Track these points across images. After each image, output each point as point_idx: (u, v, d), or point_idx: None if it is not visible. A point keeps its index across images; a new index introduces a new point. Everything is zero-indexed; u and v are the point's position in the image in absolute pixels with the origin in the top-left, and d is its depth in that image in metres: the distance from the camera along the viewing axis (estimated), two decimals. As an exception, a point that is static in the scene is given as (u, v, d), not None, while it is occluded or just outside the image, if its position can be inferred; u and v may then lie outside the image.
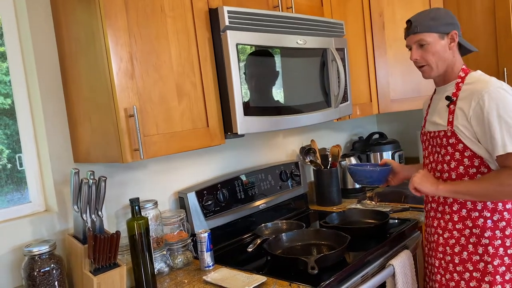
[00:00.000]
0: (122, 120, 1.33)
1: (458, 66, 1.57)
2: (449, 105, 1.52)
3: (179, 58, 1.50)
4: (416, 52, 1.56)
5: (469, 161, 1.48)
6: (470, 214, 1.51)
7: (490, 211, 1.48)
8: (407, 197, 2.30)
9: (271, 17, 1.67)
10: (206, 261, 1.65)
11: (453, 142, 1.50)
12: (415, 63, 1.59)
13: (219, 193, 1.91)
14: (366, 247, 1.71)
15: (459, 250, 1.53)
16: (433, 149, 1.60)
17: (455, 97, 1.51)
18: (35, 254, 1.32)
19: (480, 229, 1.49)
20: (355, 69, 2.35)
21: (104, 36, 1.31)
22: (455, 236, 1.54)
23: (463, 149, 1.49)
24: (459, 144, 1.49)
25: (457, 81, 1.54)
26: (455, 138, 1.50)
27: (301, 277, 1.47)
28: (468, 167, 1.49)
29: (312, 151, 2.44)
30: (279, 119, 1.71)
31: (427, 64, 1.56)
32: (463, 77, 1.54)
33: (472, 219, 1.50)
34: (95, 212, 1.41)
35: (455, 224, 1.54)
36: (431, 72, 1.57)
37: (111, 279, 1.36)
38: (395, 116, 3.17)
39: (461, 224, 1.53)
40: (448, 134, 1.51)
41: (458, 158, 1.50)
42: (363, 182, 1.89)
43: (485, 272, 1.48)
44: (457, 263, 1.54)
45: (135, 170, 1.76)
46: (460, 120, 1.47)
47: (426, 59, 1.55)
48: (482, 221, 1.49)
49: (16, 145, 1.54)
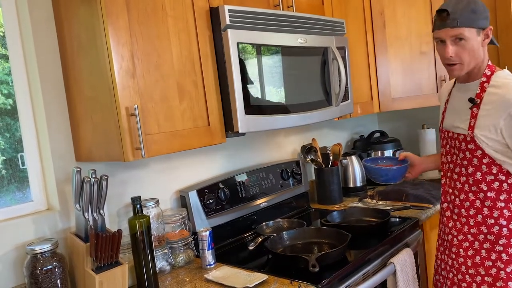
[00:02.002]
0: (123, 118, 1.33)
1: (485, 64, 1.47)
2: (471, 107, 1.44)
3: (180, 57, 1.50)
4: (452, 48, 1.41)
5: (487, 168, 1.44)
6: (485, 221, 1.47)
7: (507, 219, 1.44)
8: (408, 196, 2.30)
9: (272, 16, 1.67)
10: (208, 259, 1.65)
11: (472, 148, 1.45)
12: (447, 60, 1.44)
13: (221, 191, 1.91)
14: (367, 245, 1.72)
15: (472, 254, 1.51)
16: (451, 150, 1.55)
17: (479, 99, 1.43)
18: (37, 252, 1.33)
19: (495, 236, 1.46)
20: (356, 67, 2.36)
21: (105, 35, 1.31)
22: (469, 239, 1.51)
23: (482, 156, 1.44)
24: (477, 151, 1.44)
25: (482, 80, 1.45)
26: (474, 144, 1.44)
27: (302, 275, 1.48)
28: (486, 173, 1.45)
29: (313, 150, 2.44)
30: (280, 118, 1.71)
31: (460, 63, 1.43)
32: (489, 75, 1.44)
33: (487, 226, 1.47)
34: (97, 210, 1.42)
35: (470, 228, 1.51)
36: (461, 71, 1.45)
37: (113, 277, 1.37)
38: (396, 115, 3.17)
39: (476, 229, 1.49)
40: (468, 140, 1.45)
41: (476, 164, 1.45)
42: (378, 180, 1.87)
43: (497, 277, 1.46)
44: (469, 265, 1.51)
45: (137, 168, 1.77)
46: (484, 128, 1.40)
47: (461, 56, 1.42)
48: (498, 228, 1.45)
49: (18, 144, 1.54)
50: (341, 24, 2.04)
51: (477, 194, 1.48)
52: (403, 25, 2.46)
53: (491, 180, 1.45)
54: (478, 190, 1.48)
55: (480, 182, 1.47)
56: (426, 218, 2.09)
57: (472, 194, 1.50)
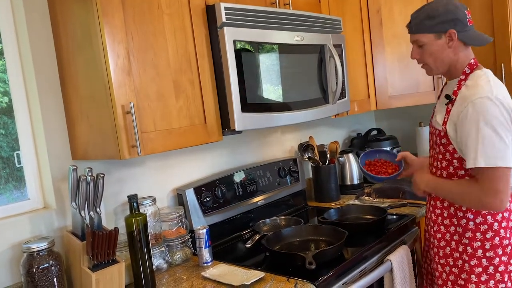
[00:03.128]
0: (119, 116, 1.33)
1: (462, 63, 1.50)
2: (447, 104, 1.50)
3: (176, 55, 1.50)
4: (415, 51, 1.55)
5: (458, 162, 1.48)
6: (456, 213, 1.52)
7: (474, 213, 1.48)
8: (405, 193, 2.31)
9: (268, 14, 1.67)
10: (205, 257, 1.65)
11: (445, 143, 1.50)
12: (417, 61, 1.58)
13: (218, 189, 1.91)
14: (364, 243, 1.72)
15: (444, 245, 1.56)
16: (433, 145, 1.60)
17: (455, 96, 1.48)
18: (33, 250, 1.33)
19: (462, 229, 1.50)
20: (353, 65, 2.36)
21: (101, 33, 1.31)
22: (442, 231, 1.56)
23: (453, 151, 1.48)
24: (449, 145, 1.48)
25: (460, 78, 1.50)
26: (446, 139, 1.49)
27: (299, 273, 1.48)
28: (457, 168, 1.49)
29: (310, 148, 2.45)
30: (276, 116, 1.71)
31: (425, 64, 1.55)
32: (467, 73, 1.49)
33: (457, 218, 1.51)
34: (93, 208, 1.42)
35: (443, 219, 1.56)
36: (431, 72, 1.57)
37: (110, 275, 1.36)
38: (393, 113, 3.17)
39: (448, 220, 1.54)
40: (442, 134, 1.51)
41: (449, 158, 1.50)
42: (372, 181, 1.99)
43: (462, 269, 1.50)
44: (441, 256, 1.57)
45: (133, 167, 1.76)
46: (452, 123, 1.46)
47: (424, 59, 1.53)
48: (465, 221, 1.49)
49: (16, 143, 1.54)
50: (338, 22, 2.04)
51: None
52: (400, 23, 2.46)
53: (462, 175, 1.49)
54: None
55: (452, 175, 1.51)
56: (423, 215, 2.09)
57: None
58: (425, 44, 1.50)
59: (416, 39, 1.52)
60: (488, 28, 2.38)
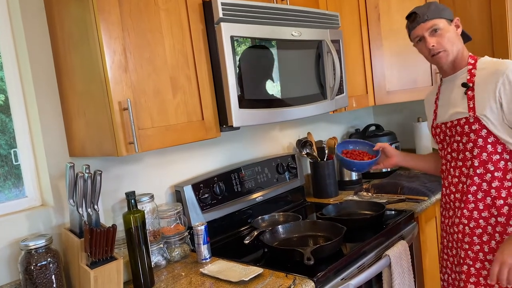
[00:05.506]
0: (116, 113, 1.33)
1: (466, 53, 1.57)
2: (466, 92, 1.51)
3: (173, 51, 1.49)
4: (431, 39, 1.54)
5: (492, 147, 1.48)
6: (494, 203, 1.49)
7: None
8: (403, 189, 2.31)
9: (266, 9, 1.66)
10: (203, 253, 1.65)
11: (476, 129, 1.49)
12: (431, 50, 1.55)
13: (216, 186, 1.91)
14: (362, 238, 1.72)
15: (488, 239, 1.51)
16: (451, 139, 1.58)
17: (471, 83, 1.50)
18: (31, 248, 1.33)
19: (506, 217, 1.47)
20: (350, 61, 2.35)
21: (97, 29, 1.30)
22: (482, 225, 1.52)
23: (487, 135, 1.48)
24: (482, 130, 1.48)
25: (468, 68, 1.53)
26: (478, 124, 1.48)
27: (298, 268, 1.48)
28: (492, 153, 1.48)
29: (308, 144, 2.44)
30: (274, 112, 1.71)
31: (444, 50, 1.54)
32: (473, 63, 1.54)
33: (497, 207, 1.48)
34: (91, 206, 1.41)
35: (480, 212, 1.52)
36: (447, 58, 1.55)
37: (108, 272, 1.36)
38: (391, 108, 3.17)
39: (487, 212, 1.51)
40: (471, 121, 1.49)
41: (481, 144, 1.49)
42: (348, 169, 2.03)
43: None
44: (486, 251, 1.51)
45: (131, 163, 1.76)
46: (484, 105, 1.46)
47: (443, 44, 1.53)
48: (507, 208, 1.47)
49: (13, 141, 1.53)
50: (335, 17, 2.03)
51: (483, 176, 1.50)
52: (397, 18, 2.46)
53: (497, 160, 1.48)
54: (485, 171, 1.50)
55: (487, 162, 1.49)
56: (421, 210, 2.10)
57: (477, 177, 1.51)
58: (442, 29, 1.53)
59: (432, 23, 1.52)
60: (486, 23, 2.38)
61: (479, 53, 1.74)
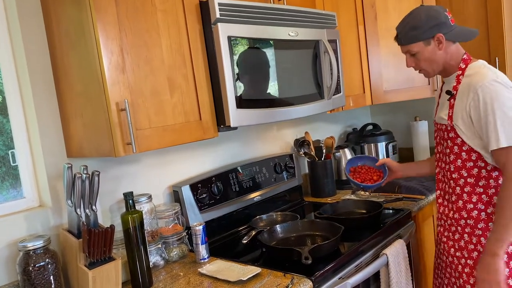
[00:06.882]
0: (113, 114, 1.33)
1: (456, 58, 1.57)
2: (449, 99, 1.55)
3: (170, 51, 1.49)
4: (410, 60, 1.62)
5: (467, 155, 1.51)
6: (465, 206, 1.54)
7: (485, 203, 1.50)
8: (401, 188, 2.31)
9: (263, 9, 1.67)
10: (202, 253, 1.66)
11: (452, 136, 1.54)
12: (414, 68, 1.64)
13: (214, 186, 1.91)
14: (360, 237, 1.73)
15: (458, 238, 1.58)
16: (440, 141, 1.63)
17: (455, 91, 1.53)
18: (29, 249, 1.33)
19: (474, 221, 1.52)
20: (347, 60, 2.36)
21: (94, 30, 1.30)
22: (454, 224, 1.59)
23: (461, 144, 1.51)
24: (457, 139, 1.52)
25: (457, 74, 1.55)
26: (453, 132, 1.53)
27: (296, 268, 1.49)
28: (466, 160, 1.52)
29: (306, 143, 2.45)
30: (272, 112, 1.71)
31: (422, 69, 1.61)
32: (463, 68, 1.54)
33: (467, 211, 1.54)
34: (89, 206, 1.41)
35: (454, 213, 1.58)
36: (429, 75, 1.63)
37: (106, 273, 1.37)
38: (388, 107, 3.18)
39: (458, 214, 1.57)
40: (448, 129, 1.54)
41: (457, 151, 1.53)
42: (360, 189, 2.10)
43: (477, 261, 1.51)
44: (456, 248, 1.58)
45: (129, 164, 1.76)
46: (459, 115, 1.49)
47: (420, 65, 1.60)
48: (476, 213, 1.52)
49: (11, 141, 1.53)
50: (332, 17, 2.04)
51: (457, 180, 1.55)
52: (394, 17, 2.46)
53: (471, 167, 1.52)
54: (459, 176, 1.55)
55: (461, 168, 1.54)
56: (419, 209, 2.11)
57: (453, 181, 1.57)
58: (417, 52, 1.57)
59: (408, 49, 1.59)
60: (482, 21, 2.39)
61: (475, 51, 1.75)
